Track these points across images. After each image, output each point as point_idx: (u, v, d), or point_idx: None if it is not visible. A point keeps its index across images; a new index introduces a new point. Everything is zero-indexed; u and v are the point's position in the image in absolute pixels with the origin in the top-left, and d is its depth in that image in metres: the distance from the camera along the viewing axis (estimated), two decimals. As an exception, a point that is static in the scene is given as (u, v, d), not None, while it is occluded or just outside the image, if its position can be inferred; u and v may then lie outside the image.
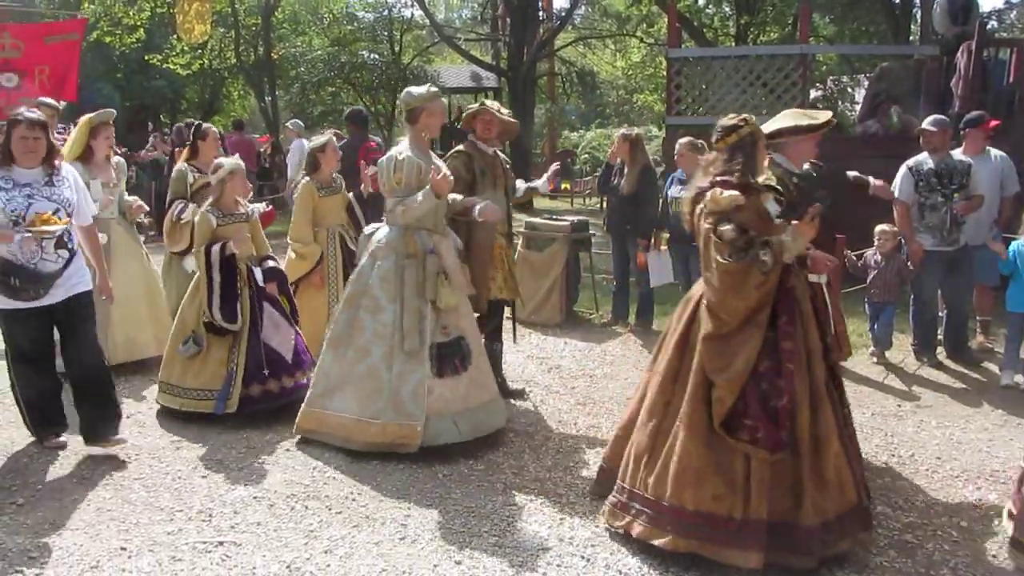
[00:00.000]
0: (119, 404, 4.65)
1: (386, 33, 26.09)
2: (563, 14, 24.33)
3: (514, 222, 5.97)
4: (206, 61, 22.39)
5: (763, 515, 3.24)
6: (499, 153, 5.57)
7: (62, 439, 4.61)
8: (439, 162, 4.82)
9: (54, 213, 4.19)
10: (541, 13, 23.25)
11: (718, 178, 3.43)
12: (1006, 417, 5.33)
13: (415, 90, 4.75)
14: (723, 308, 3.34)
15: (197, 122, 6.74)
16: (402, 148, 4.67)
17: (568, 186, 21.50)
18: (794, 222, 3.38)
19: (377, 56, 25.71)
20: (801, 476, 3.29)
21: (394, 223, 4.66)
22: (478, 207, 4.82)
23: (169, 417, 5.12)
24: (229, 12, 22.22)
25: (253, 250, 5.21)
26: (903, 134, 8.52)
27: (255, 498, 4.02)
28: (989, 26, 15.86)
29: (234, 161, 5.19)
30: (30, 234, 4.10)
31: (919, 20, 16.47)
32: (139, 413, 5.21)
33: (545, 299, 7.79)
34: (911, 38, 16.63)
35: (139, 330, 5.95)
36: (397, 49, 25.74)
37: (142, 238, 6.33)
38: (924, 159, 6.20)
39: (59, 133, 7.08)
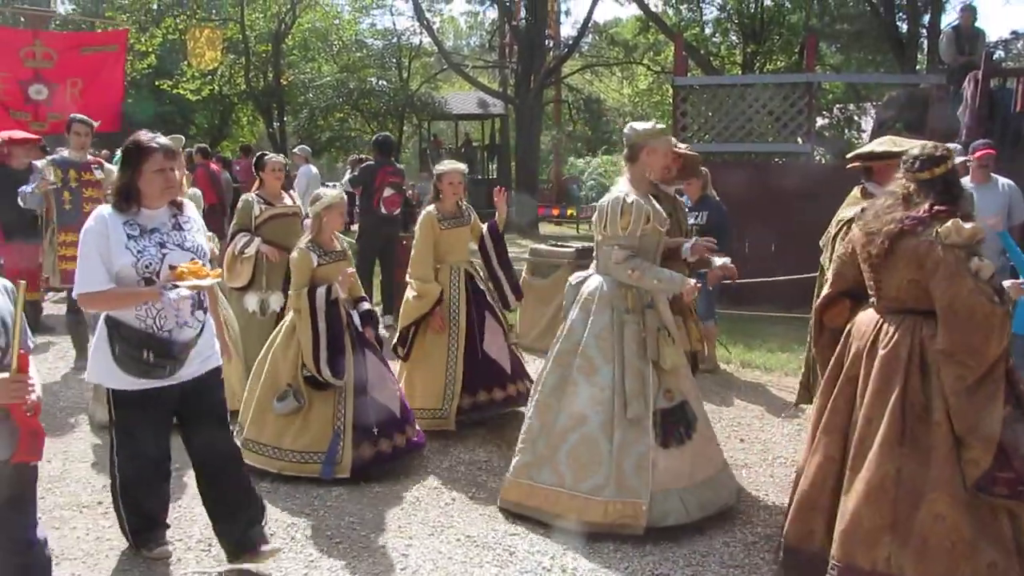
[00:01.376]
0: (262, 499, 3.78)
1: (394, 60, 26.38)
2: (570, 42, 24.53)
3: (519, 248, 5.95)
4: (216, 87, 22.61)
5: None
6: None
7: (168, 547, 3.70)
8: (659, 207, 4.17)
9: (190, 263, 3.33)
10: (548, 41, 23.46)
11: (936, 209, 3.09)
12: None
13: (638, 126, 4.17)
14: (975, 355, 2.97)
15: (260, 153, 6.32)
16: (624, 189, 4.05)
17: (574, 212, 21.55)
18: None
19: (385, 83, 26.00)
20: None
21: (607, 273, 4.11)
22: (686, 246, 4.31)
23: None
24: (240, 39, 22.50)
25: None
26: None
27: (255, 527, 3.97)
28: (995, 56, 15.89)
29: (335, 193, 4.65)
30: (182, 292, 3.22)
31: (925, 49, 16.57)
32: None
33: (549, 326, 7.73)
34: (917, 67, 16.71)
35: None
36: (405, 76, 26.00)
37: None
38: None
39: (91, 155, 6.94)
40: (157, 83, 21.50)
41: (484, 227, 5.51)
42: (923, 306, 3.09)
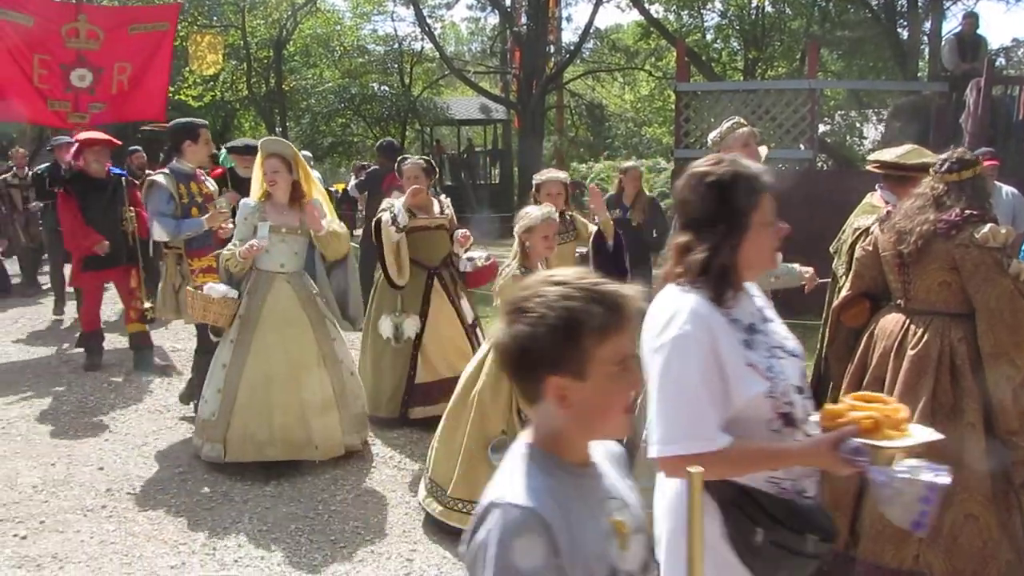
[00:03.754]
0: None
1: (396, 66, 26.39)
2: (572, 47, 24.57)
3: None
4: (218, 93, 22.64)
5: None
6: None
7: None
8: None
9: None
10: (550, 47, 23.50)
11: (968, 213, 3.10)
12: None
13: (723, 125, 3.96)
14: (1022, 353, 3.01)
15: (402, 156, 5.79)
16: None
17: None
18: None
19: (387, 88, 26.03)
20: None
21: None
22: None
23: (174, 449, 5.09)
24: (241, 45, 22.51)
25: None
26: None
27: (260, 531, 3.98)
28: (997, 63, 15.91)
29: (543, 211, 4.07)
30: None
31: (927, 56, 16.60)
32: (144, 445, 5.18)
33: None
34: (919, 74, 16.73)
35: (304, 423, 4.66)
36: (407, 81, 26.00)
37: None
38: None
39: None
40: (159, 88, 21.55)
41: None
42: (952, 308, 3.13)
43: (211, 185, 5.84)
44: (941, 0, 15.37)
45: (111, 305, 7.85)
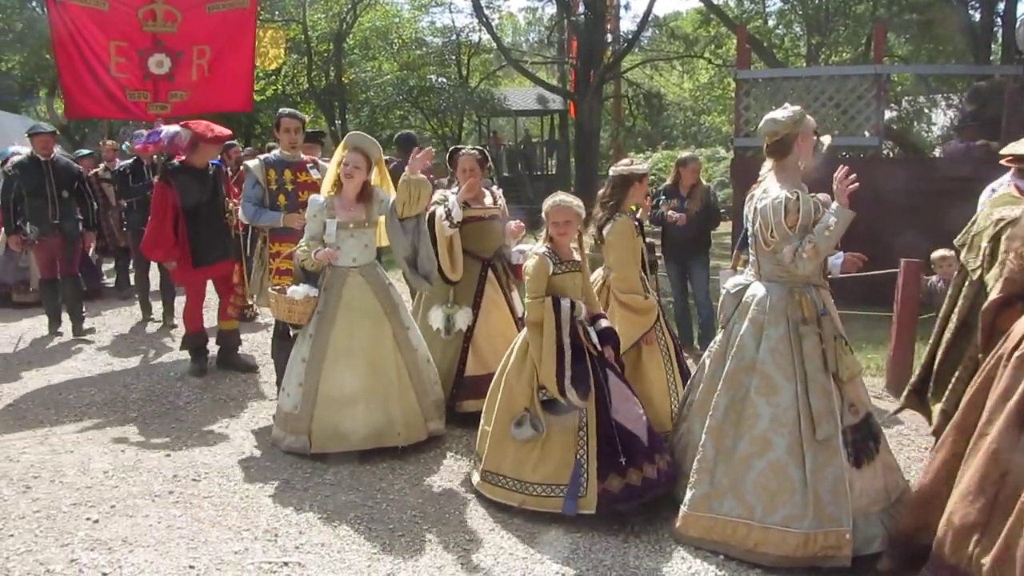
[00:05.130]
0: None
1: (454, 57, 26.51)
2: (630, 36, 24.32)
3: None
4: (280, 87, 23.01)
5: None
6: None
7: None
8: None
9: None
10: (608, 35, 23.30)
11: None
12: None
13: (780, 115, 3.79)
14: None
15: (455, 147, 5.64)
16: (778, 188, 3.72)
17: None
18: None
19: (445, 80, 26.17)
20: None
21: (774, 279, 3.81)
22: (836, 260, 4.11)
23: (237, 437, 5.21)
24: (302, 39, 22.82)
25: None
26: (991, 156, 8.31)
27: (320, 519, 4.05)
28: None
29: (552, 200, 4.14)
30: None
31: (1000, 39, 16.00)
32: (209, 432, 5.31)
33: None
34: (992, 58, 16.14)
35: (386, 411, 4.76)
36: (465, 73, 26.10)
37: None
38: (1008, 182, 5.97)
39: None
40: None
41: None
42: None
43: (315, 174, 5.69)
44: (1016, -20, 14.78)
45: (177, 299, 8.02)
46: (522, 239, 5.35)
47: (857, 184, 3.58)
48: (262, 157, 5.88)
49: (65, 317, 7.91)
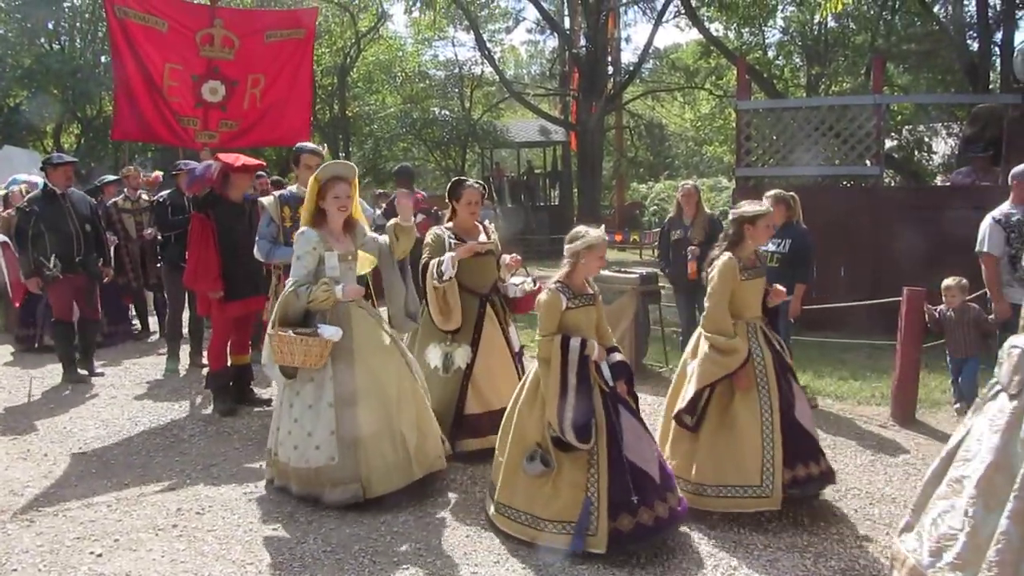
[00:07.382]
0: None
1: (457, 90, 26.77)
2: (631, 68, 24.55)
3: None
4: (284, 120, 23.19)
5: None
6: None
7: None
8: None
9: None
10: (609, 67, 23.54)
11: None
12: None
13: None
14: None
15: (457, 179, 5.51)
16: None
17: (637, 238, 21.46)
18: None
19: (448, 112, 26.40)
20: None
21: None
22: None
23: (241, 471, 5.19)
24: (307, 73, 23.03)
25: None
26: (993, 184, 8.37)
27: (324, 552, 4.02)
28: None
29: (597, 232, 4.10)
30: None
31: (998, 68, 16.13)
32: (213, 465, 5.30)
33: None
34: (990, 86, 16.26)
35: (422, 437, 4.70)
36: (467, 105, 26.32)
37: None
38: (1011, 210, 6.01)
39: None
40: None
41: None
42: None
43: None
44: (1013, 9, 14.91)
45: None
46: (516, 272, 5.34)
47: None
48: (277, 194, 5.84)
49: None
